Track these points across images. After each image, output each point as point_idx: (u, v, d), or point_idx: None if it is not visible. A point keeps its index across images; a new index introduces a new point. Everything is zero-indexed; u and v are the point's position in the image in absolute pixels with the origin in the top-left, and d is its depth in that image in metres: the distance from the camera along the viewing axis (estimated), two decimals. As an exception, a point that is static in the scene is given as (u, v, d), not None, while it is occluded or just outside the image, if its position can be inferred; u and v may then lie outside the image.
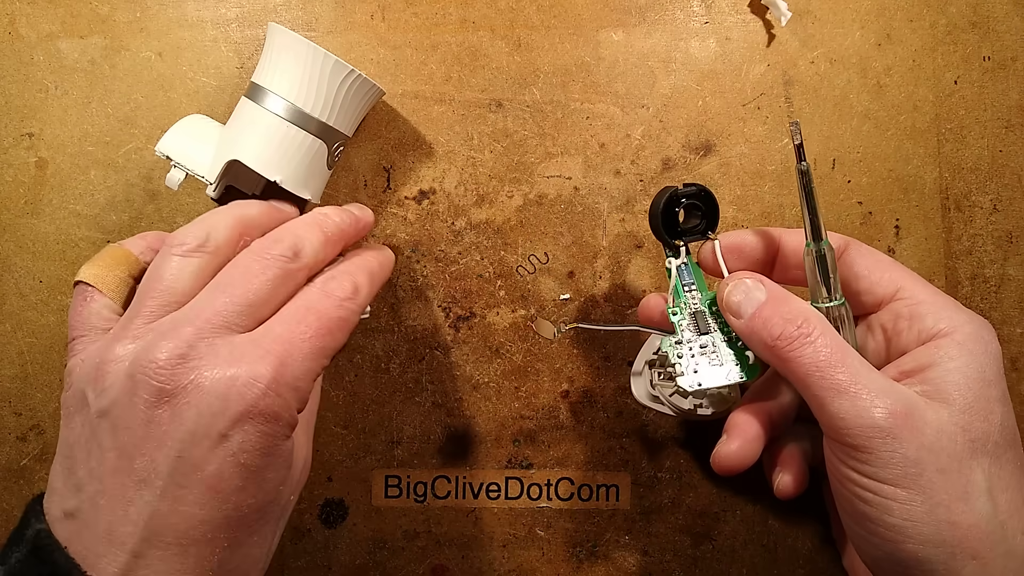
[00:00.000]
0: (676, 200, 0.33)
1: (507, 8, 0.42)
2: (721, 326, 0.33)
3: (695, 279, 0.33)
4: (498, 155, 0.42)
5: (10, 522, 0.41)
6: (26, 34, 0.41)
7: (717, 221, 0.33)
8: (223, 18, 0.42)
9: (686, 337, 0.33)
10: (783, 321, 0.29)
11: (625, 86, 0.42)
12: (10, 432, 0.41)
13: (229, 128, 0.36)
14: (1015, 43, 0.41)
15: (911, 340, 0.30)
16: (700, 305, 0.33)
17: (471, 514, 0.41)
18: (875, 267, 0.32)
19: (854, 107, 0.41)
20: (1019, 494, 0.28)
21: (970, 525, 0.26)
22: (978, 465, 0.27)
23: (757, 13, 0.42)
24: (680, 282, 0.33)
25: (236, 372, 0.26)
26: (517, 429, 0.41)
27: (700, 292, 0.33)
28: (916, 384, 0.28)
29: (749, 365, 0.32)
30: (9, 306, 0.41)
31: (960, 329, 0.29)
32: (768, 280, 0.31)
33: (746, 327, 0.30)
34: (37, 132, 0.41)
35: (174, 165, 0.36)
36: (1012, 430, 0.28)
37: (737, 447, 0.32)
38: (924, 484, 0.26)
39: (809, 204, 0.30)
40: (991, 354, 0.29)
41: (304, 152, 0.36)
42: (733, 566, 0.41)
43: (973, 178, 0.41)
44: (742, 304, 0.30)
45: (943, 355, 0.28)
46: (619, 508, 0.41)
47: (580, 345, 0.41)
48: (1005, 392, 0.29)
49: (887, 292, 0.32)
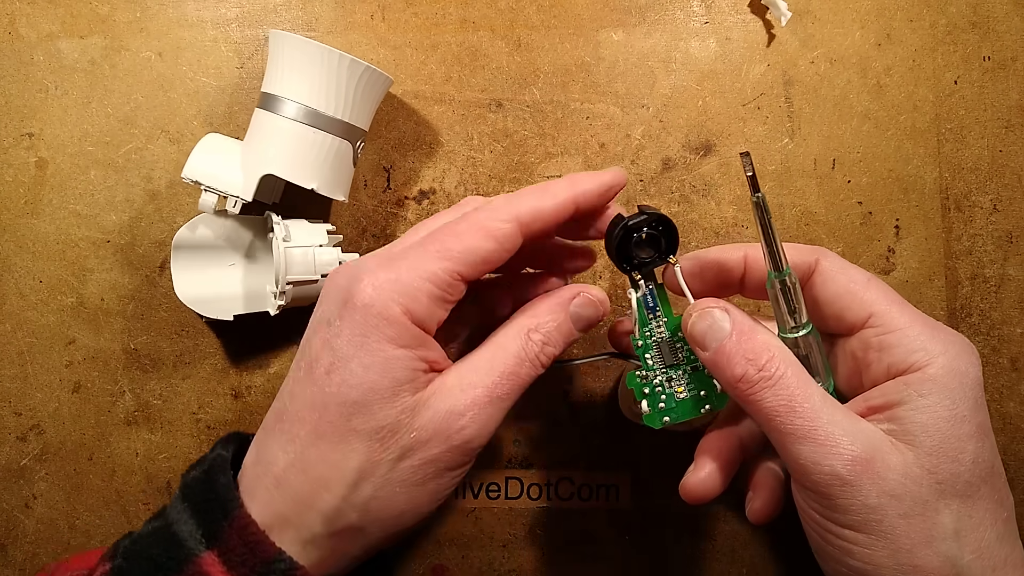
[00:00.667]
0: (631, 233, 0.31)
1: (507, 8, 0.42)
2: (688, 353, 0.32)
3: (661, 306, 0.32)
4: (498, 155, 0.42)
5: (10, 522, 0.41)
6: (26, 34, 0.41)
7: (677, 244, 0.31)
8: (223, 18, 0.42)
9: (654, 367, 0.32)
10: (745, 360, 0.27)
11: (625, 86, 0.42)
12: (10, 432, 0.41)
13: (250, 143, 0.36)
14: (1015, 43, 0.41)
15: (880, 373, 0.29)
16: (666, 333, 0.32)
17: (471, 514, 0.41)
18: (846, 291, 0.30)
19: (854, 107, 0.41)
20: (991, 530, 0.27)
21: (933, 569, 0.26)
22: (945, 507, 0.26)
23: (757, 13, 0.42)
24: (644, 312, 0.32)
25: (355, 270, 0.27)
26: (517, 429, 0.41)
27: (667, 317, 0.32)
28: (883, 422, 0.27)
29: (717, 394, 0.31)
30: (9, 306, 0.41)
31: (933, 362, 0.27)
32: (735, 310, 0.29)
33: (710, 360, 0.29)
34: (37, 132, 0.41)
35: (205, 189, 0.36)
36: (987, 464, 0.27)
37: (704, 475, 0.31)
38: (886, 530, 0.26)
39: (766, 235, 0.29)
40: (966, 387, 0.27)
41: (332, 154, 0.36)
42: (733, 566, 0.41)
43: (973, 178, 0.41)
44: (706, 336, 0.29)
45: (911, 392, 0.27)
46: (619, 508, 0.41)
47: (580, 345, 0.41)
48: (982, 424, 0.27)
49: (858, 318, 0.30)
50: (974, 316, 0.41)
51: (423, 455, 0.27)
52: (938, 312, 0.41)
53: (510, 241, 0.28)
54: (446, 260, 0.27)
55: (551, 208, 0.29)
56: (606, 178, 0.30)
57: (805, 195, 0.41)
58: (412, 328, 0.27)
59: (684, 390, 0.31)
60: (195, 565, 0.26)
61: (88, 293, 0.41)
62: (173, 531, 0.27)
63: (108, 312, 0.41)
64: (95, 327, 0.41)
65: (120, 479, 0.41)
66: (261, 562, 0.26)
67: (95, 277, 0.41)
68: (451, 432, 0.27)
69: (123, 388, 0.41)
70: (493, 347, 0.29)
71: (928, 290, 0.41)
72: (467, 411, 0.27)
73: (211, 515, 0.27)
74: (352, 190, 0.42)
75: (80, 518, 0.41)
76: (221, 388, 0.41)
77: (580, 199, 0.29)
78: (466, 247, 0.27)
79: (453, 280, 0.27)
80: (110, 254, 0.41)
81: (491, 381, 0.28)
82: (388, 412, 0.26)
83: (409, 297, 0.27)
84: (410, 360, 0.27)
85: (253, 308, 0.38)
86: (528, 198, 0.29)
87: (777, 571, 0.41)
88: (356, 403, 0.26)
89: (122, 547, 0.28)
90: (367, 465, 0.26)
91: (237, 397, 0.41)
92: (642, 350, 0.32)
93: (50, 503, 0.41)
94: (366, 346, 0.26)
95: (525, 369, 0.29)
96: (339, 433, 0.26)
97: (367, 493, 0.27)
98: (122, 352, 0.41)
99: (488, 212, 0.28)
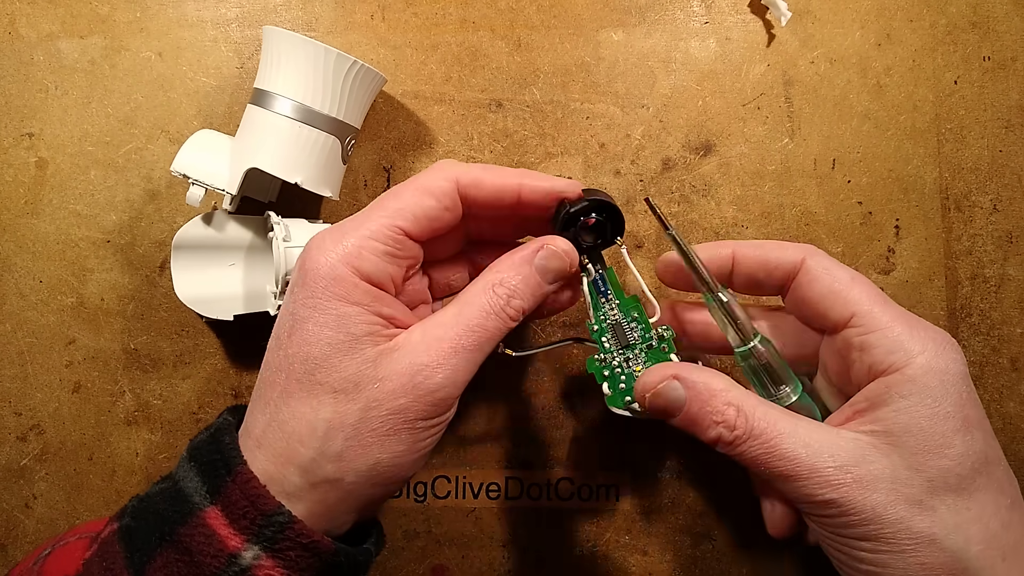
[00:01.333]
0: (573, 220, 0.31)
1: (507, 8, 0.42)
2: (643, 333, 0.32)
3: (612, 289, 0.33)
4: (498, 155, 0.42)
5: (10, 522, 0.41)
6: (26, 34, 0.41)
7: (622, 227, 0.32)
8: (223, 18, 0.42)
9: (611, 350, 0.32)
10: (712, 423, 0.29)
11: (625, 86, 0.42)
12: (10, 432, 0.41)
13: (240, 138, 0.37)
14: (1015, 43, 0.41)
15: (862, 374, 0.29)
16: (619, 314, 0.32)
17: (471, 514, 0.41)
18: (829, 290, 0.30)
19: (854, 107, 0.41)
20: (995, 519, 0.27)
21: (941, 564, 0.26)
22: (940, 503, 0.27)
23: (757, 13, 0.42)
24: (596, 296, 0.32)
25: (310, 243, 0.29)
26: (517, 429, 0.41)
27: (619, 300, 0.33)
28: (867, 424, 0.28)
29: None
30: (9, 306, 0.41)
31: (912, 362, 0.28)
32: (686, 372, 0.30)
33: (681, 426, 0.30)
34: (37, 132, 0.41)
35: (192, 182, 0.36)
36: (978, 455, 0.27)
37: (778, 512, 0.33)
38: (887, 535, 0.26)
39: (690, 263, 0.31)
40: (948, 384, 0.28)
41: (319, 150, 0.36)
42: (733, 566, 0.41)
43: (973, 178, 0.41)
44: (667, 409, 0.30)
45: (892, 394, 0.28)
46: (619, 508, 0.41)
47: (580, 345, 0.41)
48: (969, 417, 0.27)
49: (841, 317, 0.30)
50: (974, 316, 0.41)
51: (390, 405, 0.28)
52: (938, 312, 0.41)
53: (448, 198, 0.30)
54: (386, 217, 0.29)
55: (493, 181, 0.30)
56: (559, 185, 0.31)
57: (805, 195, 0.41)
58: (362, 285, 0.28)
59: (642, 369, 0.32)
60: (199, 518, 0.27)
61: (88, 293, 0.41)
62: (179, 487, 0.28)
63: (108, 312, 0.41)
64: (95, 327, 0.41)
65: (120, 479, 0.41)
66: (261, 514, 0.27)
67: (95, 277, 0.41)
68: (416, 382, 0.28)
69: (123, 388, 0.41)
70: (459, 303, 0.30)
71: (928, 290, 0.41)
72: (431, 362, 0.28)
73: (215, 472, 0.28)
74: (352, 190, 0.42)
75: (80, 518, 0.41)
76: (221, 388, 0.41)
77: (526, 190, 0.30)
78: (405, 204, 0.29)
79: (396, 235, 0.29)
80: (110, 254, 0.41)
81: (455, 333, 0.29)
82: (348, 364, 0.28)
83: (355, 256, 0.28)
84: (364, 315, 0.28)
85: (253, 308, 0.38)
86: (476, 167, 0.30)
87: (778, 571, 0.41)
88: (316, 358, 0.28)
89: (130, 507, 0.29)
90: (335, 416, 0.28)
91: (237, 397, 0.41)
92: (598, 334, 0.32)
93: (50, 503, 0.41)
94: (319, 307, 0.28)
95: (492, 322, 0.29)
96: (305, 389, 0.28)
97: (339, 444, 0.28)
98: (122, 352, 0.41)
99: (431, 172, 0.30)
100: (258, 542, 0.27)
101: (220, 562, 0.26)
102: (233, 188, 0.36)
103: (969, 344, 0.41)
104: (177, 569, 0.26)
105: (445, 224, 0.30)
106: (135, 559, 0.27)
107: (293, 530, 0.27)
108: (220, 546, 0.26)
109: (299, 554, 0.27)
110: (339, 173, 0.38)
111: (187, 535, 0.27)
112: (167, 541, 0.27)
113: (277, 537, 0.27)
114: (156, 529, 0.27)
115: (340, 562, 0.28)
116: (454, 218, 0.31)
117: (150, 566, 0.27)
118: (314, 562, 0.27)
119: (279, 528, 0.27)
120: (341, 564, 0.28)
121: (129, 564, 0.27)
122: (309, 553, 0.27)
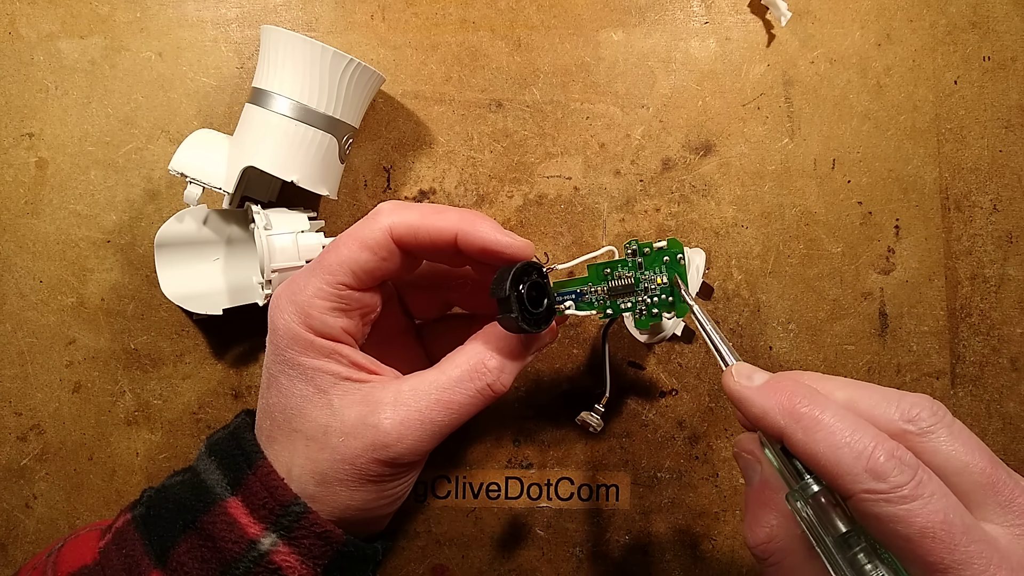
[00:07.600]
0: (518, 301, 0.29)
1: (507, 8, 0.42)
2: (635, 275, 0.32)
3: (578, 287, 0.33)
4: (498, 155, 0.42)
5: (10, 522, 0.41)
6: (26, 34, 0.41)
7: (541, 267, 0.30)
8: (223, 18, 0.42)
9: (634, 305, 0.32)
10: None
11: (625, 86, 0.42)
12: (10, 432, 0.41)
13: (238, 136, 0.37)
14: (1015, 43, 0.41)
15: None
16: (599, 288, 0.32)
17: (471, 514, 0.41)
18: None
19: (854, 107, 0.41)
20: None
21: None
22: None
23: (757, 13, 0.42)
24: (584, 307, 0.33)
25: (273, 300, 0.31)
26: (517, 429, 0.41)
27: (588, 282, 0.32)
28: None
29: (679, 304, 0.31)
30: (9, 306, 0.41)
31: None
32: None
33: None
34: (37, 132, 0.41)
35: (190, 181, 0.36)
36: None
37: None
38: None
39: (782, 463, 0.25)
40: None
41: (316, 149, 0.36)
42: (733, 566, 0.41)
43: (973, 178, 0.41)
44: None
45: None
46: (619, 508, 0.41)
47: (580, 345, 0.41)
48: None
49: None
50: (974, 316, 0.41)
51: (355, 462, 0.29)
52: (938, 312, 0.41)
53: (384, 249, 0.30)
54: (327, 274, 0.30)
55: (428, 230, 0.30)
56: (503, 241, 0.29)
57: (805, 195, 0.41)
58: (318, 341, 0.30)
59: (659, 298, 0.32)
60: (221, 508, 0.29)
61: (88, 293, 0.41)
62: (201, 479, 0.30)
63: (108, 312, 0.41)
64: (95, 327, 0.41)
65: (120, 479, 0.41)
66: (280, 504, 0.29)
67: (95, 277, 0.41)
68: (378, 446, 0.29)
69: (123, 388, 0.41)
70: (440, 372, 0.30)
71: (928, 290, 0.41)
72: (394, 432, 0.29)
73: (236, 466, 0.30)
74: (352, 190, 0.42)
75: (80, 518, 0.41)
76: (221, 388, 0.41)
77: (463, 237, 0.29)
78: (342, 259, 0.30)
79: (339, 290, 0.30)
80: (110, 254, 0.41)
81: (426, 405, 0.29)
82: (319, 415, 0.29)
83: (305, 314, 0.29)
84: (329, 366, 0.30)
85: (241, 301, 0.38)
86: (411, 213, 0.30)
87: (777, 571, 0.41)
88: (291, 408, 0.30)
89: (145, 497, 0.32)
90: (308, 463, 0.29)
91: (237, 397, 0.41)
92: (612, 310, 0.33)
93: (50, 503, 0.41)
94: (287, 362, 0.30)
95: (469, 400, 0.30)
96: (285, 435, 0.30)
97: (311, 488, 0.29)
98: (122, 352, 0.41)
99: (367, 222, 0.30)
100: (276, 530, 0.29)
101: (241, 547, 0.29)
102: (231, 187, 0.36)
103: (969, 344, 0.41)
104: (200, 554, 0.29)
105: (387, 272, 0.30)
106: (155, 544, 0.29)
107: (308, 519, 0.29)
108: (241, 533, 0.29)
109: (313, 542, 0.29)
110: (337, 172, 0.38)
111: (210, 523, 0.29)
112: (191, 528, 0.29)
113: (293, 526, 0.29)
114: (178, 517, 0.30)
115: (350, 552, 0.30)
116: (394, 266, 0.30)
117: (174, 551, 0.29)
118: (327, 550, 0.29)
119: (295, 517, 0.29)
120: (351, 554, 0.30)
121: (149, 549, 0.29)
122: (322, 541, 0.29)
